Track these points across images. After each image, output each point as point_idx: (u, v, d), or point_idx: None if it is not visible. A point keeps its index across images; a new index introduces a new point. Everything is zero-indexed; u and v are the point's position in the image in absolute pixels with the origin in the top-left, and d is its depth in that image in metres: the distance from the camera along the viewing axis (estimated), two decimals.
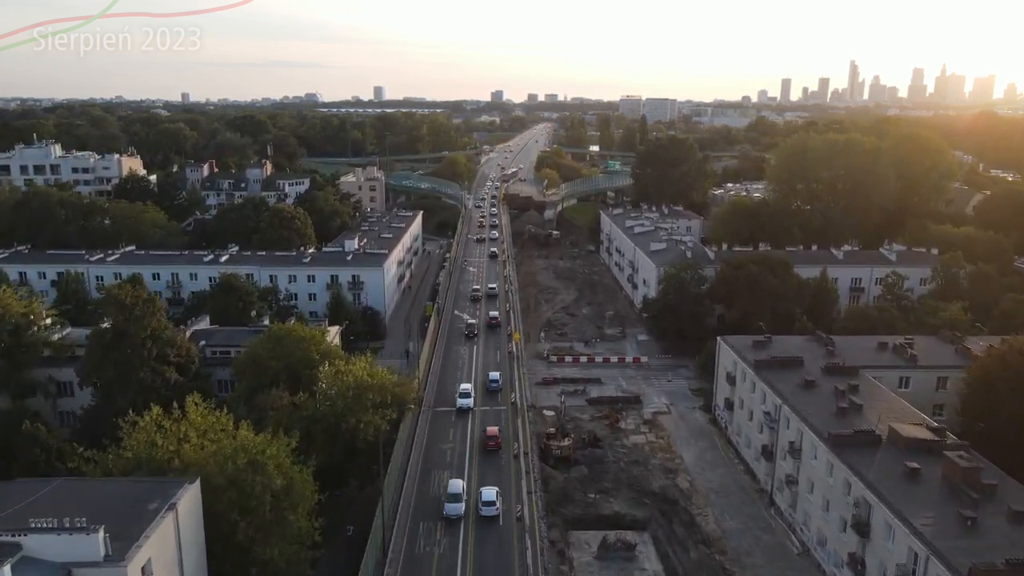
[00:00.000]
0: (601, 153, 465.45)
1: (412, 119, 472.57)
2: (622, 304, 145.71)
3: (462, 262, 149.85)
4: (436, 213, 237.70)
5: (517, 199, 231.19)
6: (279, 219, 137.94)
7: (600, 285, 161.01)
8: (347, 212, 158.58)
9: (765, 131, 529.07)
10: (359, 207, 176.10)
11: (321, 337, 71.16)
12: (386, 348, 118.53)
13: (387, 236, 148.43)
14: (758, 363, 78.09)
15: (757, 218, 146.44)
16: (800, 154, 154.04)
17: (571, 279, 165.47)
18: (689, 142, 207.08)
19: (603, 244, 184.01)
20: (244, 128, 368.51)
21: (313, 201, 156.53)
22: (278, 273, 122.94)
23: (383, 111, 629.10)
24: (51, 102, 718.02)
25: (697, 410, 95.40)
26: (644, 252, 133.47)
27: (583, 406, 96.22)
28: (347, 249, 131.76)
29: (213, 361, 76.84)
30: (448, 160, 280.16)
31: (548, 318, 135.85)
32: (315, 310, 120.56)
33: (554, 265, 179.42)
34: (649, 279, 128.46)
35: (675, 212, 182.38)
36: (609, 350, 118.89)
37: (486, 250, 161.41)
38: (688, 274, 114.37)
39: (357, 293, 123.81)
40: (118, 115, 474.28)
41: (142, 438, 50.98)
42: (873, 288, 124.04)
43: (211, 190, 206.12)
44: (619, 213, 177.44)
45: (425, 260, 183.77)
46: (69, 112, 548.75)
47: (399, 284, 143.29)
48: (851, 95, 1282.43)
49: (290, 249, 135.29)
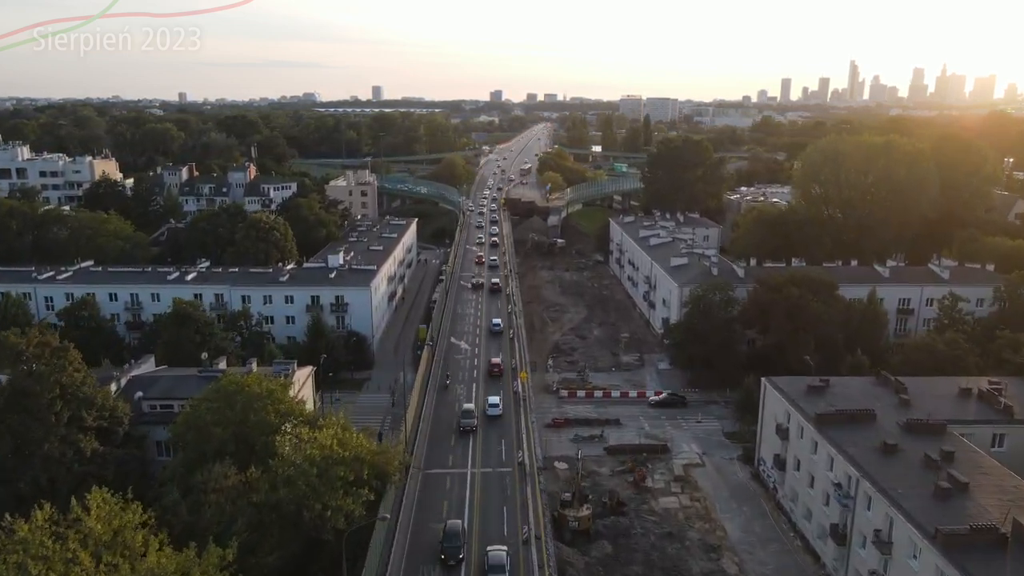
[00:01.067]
0: (604, 154, 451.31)
1: (409, 119, 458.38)
2: (637, 324, 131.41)
3: (459, 284, 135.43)
4: (433, 219, 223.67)
5: (519, 204, 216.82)
6: (255, 231, 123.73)
7: (611, 301, 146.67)
8: (334, 222, 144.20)
9: (771, 131, 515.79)
10: (348, 215, 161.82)
11: (283, 392, 56.74)
12: (373, 379, 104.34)
13: (377, 249, 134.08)
14: (821, 418, 63.84)
15: (785, 229, 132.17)
16: (831, 158, 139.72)
17: (579, 294, 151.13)
18: (704, 143, 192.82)
19: (613, 254, 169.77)
20: (234, 128, 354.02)
21: (296, 209, 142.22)
22: (251, 293, 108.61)
23: (380, 111, 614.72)
24: (47, 102, 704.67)
25: (736, 461, 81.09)
26: (663, 268, 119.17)
27: (601, 457, 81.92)
28: (331, 265, 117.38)
29: (152, 418, 62.39)
30: (446, 162, 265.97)
31: (556, 341, 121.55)
32: (293, 334, 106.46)
33: (560, 277, 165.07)
34: (670, 299, 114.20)
35: (691, 219, 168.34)
36: (626, 381, 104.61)
37: (486, 266, 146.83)
38: (716, 296, 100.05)
39: (341, 316, 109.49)
40: (111, 115, 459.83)
41: (13, 560, 36.70)
42: (923, 310, 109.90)
43: (190, 195, 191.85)
44: (631, 221, 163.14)
45: (421, 271, 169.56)
46: (60, 112, 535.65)
47: (390, 302, 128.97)
48: (851, 95, 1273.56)
49: (268, 265, 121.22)
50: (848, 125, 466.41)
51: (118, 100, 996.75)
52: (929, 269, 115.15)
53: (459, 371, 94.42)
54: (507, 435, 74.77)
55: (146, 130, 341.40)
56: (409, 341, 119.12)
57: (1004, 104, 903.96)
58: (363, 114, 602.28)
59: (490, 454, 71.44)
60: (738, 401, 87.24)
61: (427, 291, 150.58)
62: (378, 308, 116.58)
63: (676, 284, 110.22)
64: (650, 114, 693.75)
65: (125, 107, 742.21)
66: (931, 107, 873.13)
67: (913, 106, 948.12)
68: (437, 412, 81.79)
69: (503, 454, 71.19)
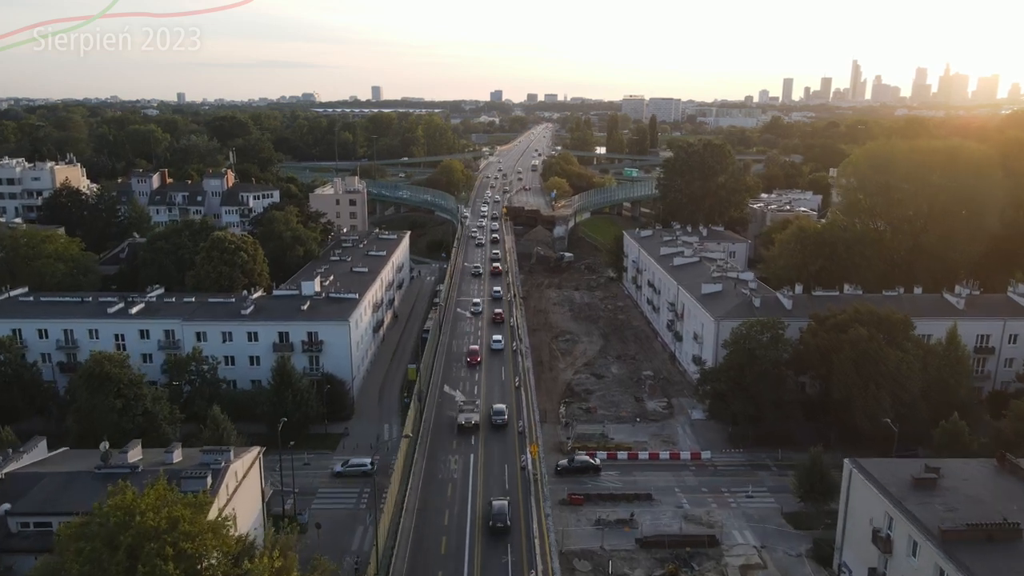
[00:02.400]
0: (609, 156, 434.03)
1: (406, 120, 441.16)
2: (660, 358, 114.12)
3: (455, 312, 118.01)
4: (428, 230, 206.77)
5: (521, 213, 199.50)
6: (219, 252, 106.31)
7: (629, 328, 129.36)
8: (314, 238, 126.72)
9: (781, 132, 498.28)
10: (331, 229, 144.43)
11: (196, 519, 39.28)
12: (352, 433, 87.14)
13: (361, 271, 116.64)
14: (948, 537, 46.56)
15: (831, 248, 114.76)
16: (882, 166, 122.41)
17: (592, 319, 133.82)
18: (726, 147, 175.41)
19: (627, 271, 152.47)
20: (222, 130, 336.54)
21: (270, 224, 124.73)
22: (208, 329, 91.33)
23: (377, 111, 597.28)
24: (45, 102, 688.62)
25: (805, 560, 63.70)
26: (694, 297, 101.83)
27: (633, 552, 64.52)
28: (304, 293, 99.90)
29: (22, 543, 45.08)
30: (443, 167, 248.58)
31: (568, 382, 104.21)
32: (258, 378, 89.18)
33: (569, 298, 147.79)
34: (703, 335, 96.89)
35: (715, 233, 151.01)
36: (655, 437, 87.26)
37: (486, 290, 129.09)
38: (764, 336, 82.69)
39: (314, 356, 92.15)
40: (105, 116, 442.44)
41: None
42: (1005, 348, 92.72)
43: (161, 204, 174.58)
44: (648, 236, 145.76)
45: (414, 289, 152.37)
46: (50, 112, 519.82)
47: (375, 333, 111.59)
48: (853, 95, 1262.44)
49: (233, 292, 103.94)
50: (863, 126, 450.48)
51: (116, 100, 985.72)
52: (1008, 298, 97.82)
53: (451, 439, 76.98)
54: (515, 544, 57.23)
55: (128, 132, 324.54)
56: (397, 381, 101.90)
57: (1008, 104, 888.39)
58: (361, 115, 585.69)
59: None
60: (799, 474, 69.96)
61: (420, 315, 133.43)
62: (360, 344, 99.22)
63: (712, 318, 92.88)
64: (653, 115, 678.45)
65: (122, 107, 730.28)
66: (936, 107, 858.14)
67: (918, 106, 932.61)
68: (426, 496, 64.59)
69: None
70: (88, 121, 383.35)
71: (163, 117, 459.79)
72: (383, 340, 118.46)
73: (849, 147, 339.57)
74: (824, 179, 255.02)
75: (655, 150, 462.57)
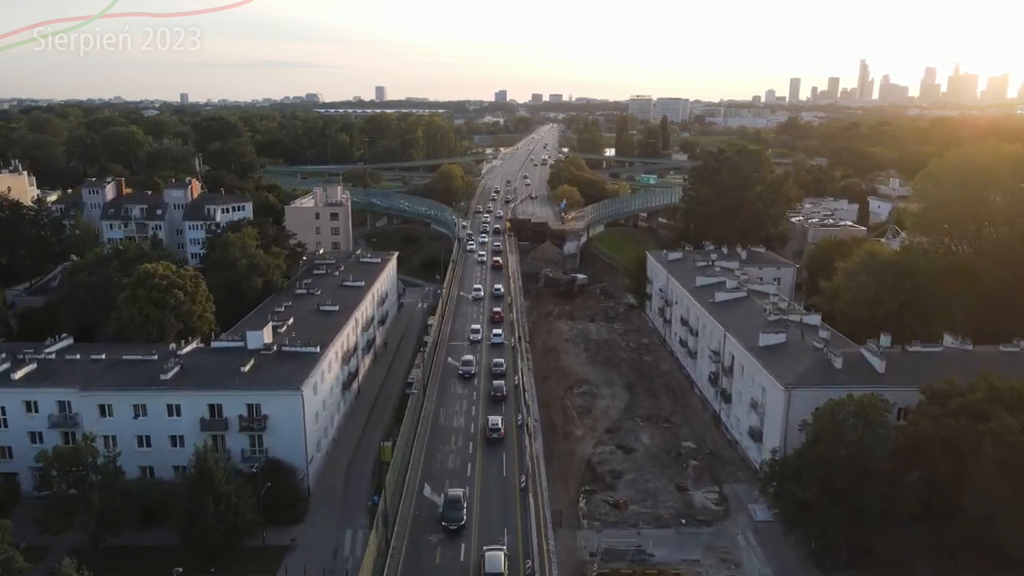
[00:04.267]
0: (619, 159, 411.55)
1: (406, 121, 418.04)
2: (700, 420, 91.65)
3: (446, 359, 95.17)
4: (422, 245, 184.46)
5: (527, 227, 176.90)
6: (146, 290, 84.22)
7: (658, 374, 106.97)
8: (276, 266, 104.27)
9: (799, 133, 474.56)
10: (302, 251, 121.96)
11: None
12: (303, 542, 64.89)
13: (330, 309, 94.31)
14: None
15: (912, 280, 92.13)
16: (967, 178, 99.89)
17: (613, 362, 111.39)
18: (763, 153, 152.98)
19: (652, 299, 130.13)
20: (210, 132, 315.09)
21: (224, 249, 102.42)
22: (113, 401, 69.37)
23: (375, 112, 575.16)
24: (49, 103, 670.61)
25: None
26: (748, 350, 79.17)
27: None
28: (250, 346, 77.68)
29: None
30: (441, 173, 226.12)
31: (588, 457, 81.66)
32: (182, 463, 66.88)
33: (584, 333, 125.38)
34: (766, 404, 74.35)
35: (756, 255, 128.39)
36: (709, 551, 64.60)
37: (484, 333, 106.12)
38: (860, 421, 60.06)
39: (256, 436, 70.01)
40: (90, 117, 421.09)
41: None
42: None
43: (115, 219, 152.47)
44: (678, 259, 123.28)
45: (403, 319, 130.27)
46: (47, 112, 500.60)
47: (346, 391, 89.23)
48: (860, 95, 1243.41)
49: (164, 340, 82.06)
50: (888, 127, 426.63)
51: (119, 101, 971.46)
52: None
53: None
54: None
55: (107, 134, 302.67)
56: (372, 455, 79.26)
57: (1018, 104, 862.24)
58: (362, 115, 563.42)
59: None
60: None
61: (408, 353, 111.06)
62: (321, 414, 76.93)
63: (779, 385, 70.29)
64: (664, 116, 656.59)
65: (124, 108, 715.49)
66: (946, 107, 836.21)
67: (928, 106, 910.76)
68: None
69: None
70: (69, 123, 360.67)
71: (155, 118, 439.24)
72: (358, 394, 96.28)
73: (879, 150, 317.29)
74: (858, 186, 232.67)
75: (667, 152, 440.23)
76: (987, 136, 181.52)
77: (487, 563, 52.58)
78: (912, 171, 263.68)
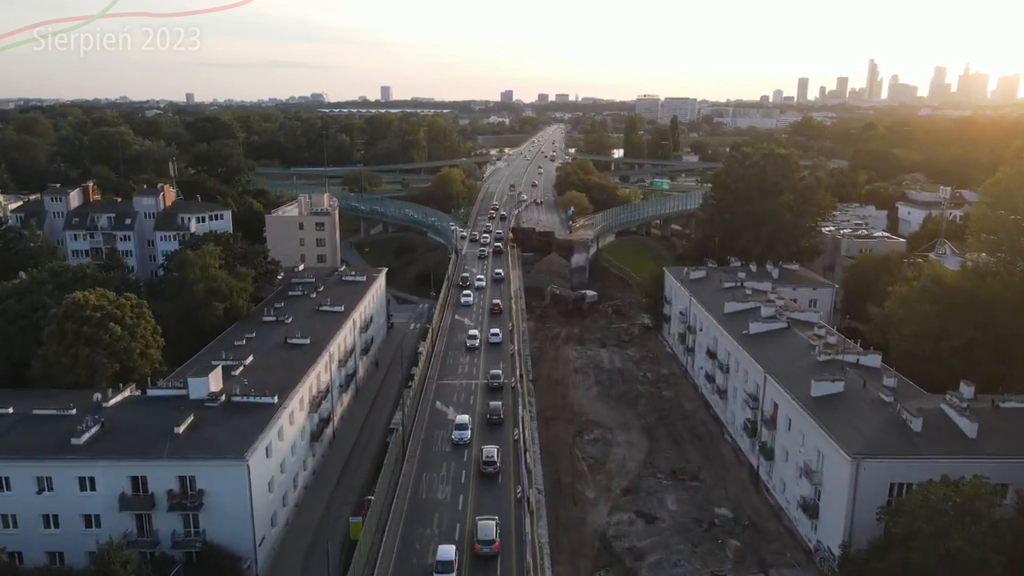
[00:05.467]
0: (628, 160, 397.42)
1: (407, 122, 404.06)
2: (734, 476, 77.47)
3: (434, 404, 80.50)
4: (419, 256, 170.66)
5: (532, 237, 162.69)
6: (75, 324, 70.60)
7: (680, 413, 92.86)
8: (242, 289, 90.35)
9: (813, 134, 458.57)
10: (277, 268, 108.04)
11: None
12: None
13: (299, 341, 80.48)
14: None
15: (987, 313, 77.88)
16: None
17: (629, 399, 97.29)
18: (792, 158, 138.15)
19: (671, 321, 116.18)
20: (203, 133, 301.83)
21: (181, 269, 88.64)
22: (11, 473, 55.74)
23: (375, 112, 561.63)
24: (56, 103, 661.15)
25: None
26: (799, 402, 64.92)
27: None
28: (193, 395, 63.83)
29: None
30: (440, 178, 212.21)
31: (601, 529, 67.57)
32: (93, 549, 53.02)
33: (595, 360, 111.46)
34: (825, 475, 60.01)
35: (788, 273, 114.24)
36: None
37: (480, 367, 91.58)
38: (963, 515, 46.00)
39: (190, 516, 56.22)
40: (94, 116, 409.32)
41: None
42: None
43: (80, 229, 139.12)
44: (700, 277, 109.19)
45: (392, 344, 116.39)
46: (43, 113, 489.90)
47: (313, 446, 75.14)
48: (869, 95, 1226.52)
49: (95, 384, 68.56)
50: (908, 128, 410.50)
51: (124, 100, 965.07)
52: None
53: None
54: None
55: (95, 135, 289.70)
56: (339, 532, 65.22)
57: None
58: (367, 115, 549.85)
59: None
60: None
61: (393, 387, 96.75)
62: (274, 484, 62.82)
63: (846, 456, 55.94)
64: (670, 115, 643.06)
65: (129, 108, 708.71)
66: (957, 107, 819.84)
67: (939, 105, 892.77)
68: None
69: None
70: (67, 123, 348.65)
71: (149, 118, 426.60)
72: (333, 440, 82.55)
73: (902, 152, 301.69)
74: (884, 191, 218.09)
75: (678, 154, 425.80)
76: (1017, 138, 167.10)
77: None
78: (940, 175, 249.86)
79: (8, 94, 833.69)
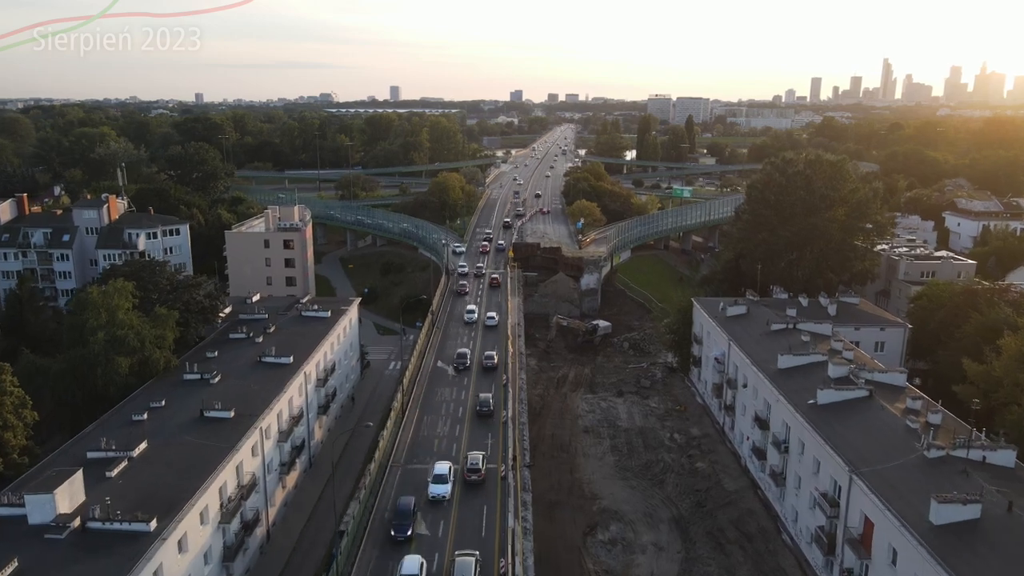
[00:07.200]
0: (641, 163, 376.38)
1: (409, 122, 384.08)
2: None
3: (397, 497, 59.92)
4: (405, 276, 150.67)
5: (536, 253, 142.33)
6: None
7: (722, 500, 72.28)
8: (159, 337, 70.30)
9: (835, 135, 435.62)
10: (221, 303, 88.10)
11: None
12: None
13: (220, 415, 60.51)
14: None
15: None
16: None
17: (653, 475, 76.77)
18: (844, 165, 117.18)
19: (702, 368, 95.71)
20: (195, 133, 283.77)
21: (84, 310, 68.95)
22: None
23: (380, 111, 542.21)
24: (66, 103, 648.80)
25: None
26: (927, 548, 44.37)
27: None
28: (33, 519, 43.92)
29: None
30: (436, 184, 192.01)
31: None
32: None
33: (609, 415, 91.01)
34: None
35: (847, 308, 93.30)
36: None
37: (461, 443, 71.26)
38: None
39: None
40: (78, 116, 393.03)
41: None
42: None
43: (10, 247, 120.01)
44: (740, 313, 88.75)
45: (365, 391, 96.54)
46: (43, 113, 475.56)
47: (226, 567, 55.14)
48: (883, 94, 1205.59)
49: None
50: (941, 128, 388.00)
51: (134, 100, 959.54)
52: None
53: None
54: None
55: (75, 136, 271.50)
56: None
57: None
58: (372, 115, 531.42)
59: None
60: None
61: (360, 453, 76.51)
62: None
63: None
64: (683, 115, 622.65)
65: (138, 107, 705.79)
66: (975, 106, 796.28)
67: (956, 105, 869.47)
68: None
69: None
70: (30, 124, 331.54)
71: (143, 118, 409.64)
72: (268, 542, 62.56)
73: (941, 154, 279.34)
74: (928, 199, 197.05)
75: (694, 156, 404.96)
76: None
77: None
78: (985, 179, 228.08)
79: (20, 94, 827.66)
